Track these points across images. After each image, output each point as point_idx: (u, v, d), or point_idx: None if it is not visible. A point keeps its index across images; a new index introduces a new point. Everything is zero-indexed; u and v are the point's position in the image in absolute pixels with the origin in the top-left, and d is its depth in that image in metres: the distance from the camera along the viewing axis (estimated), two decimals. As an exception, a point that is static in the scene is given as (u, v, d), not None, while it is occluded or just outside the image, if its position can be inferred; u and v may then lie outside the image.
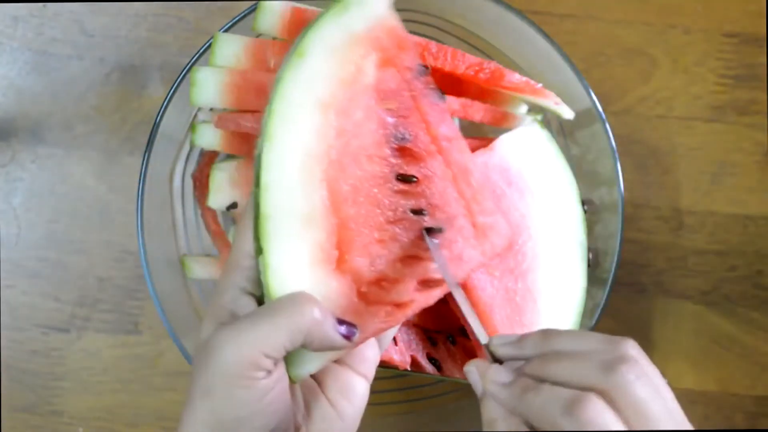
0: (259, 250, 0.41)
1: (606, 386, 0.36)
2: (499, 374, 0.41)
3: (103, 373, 0.65)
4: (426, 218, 0.45)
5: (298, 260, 0.41)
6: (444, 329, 0.57)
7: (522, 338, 0.41)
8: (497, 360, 0.42)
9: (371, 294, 0.43)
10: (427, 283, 0.45)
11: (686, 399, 0.66)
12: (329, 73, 0.43)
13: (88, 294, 0.65)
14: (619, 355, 0.37)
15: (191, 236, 0.60)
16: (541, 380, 0.39)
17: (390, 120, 0.45)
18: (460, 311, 0.44)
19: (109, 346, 0.65)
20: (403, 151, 0.46)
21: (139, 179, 0.56)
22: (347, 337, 0.41)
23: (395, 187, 0.45)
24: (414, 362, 0.54)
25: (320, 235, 0.42)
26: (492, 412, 0.40)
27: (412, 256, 0.45)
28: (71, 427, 0.65)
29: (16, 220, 0.66)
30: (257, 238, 0.41)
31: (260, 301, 0.42)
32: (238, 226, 0.43)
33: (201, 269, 0.59)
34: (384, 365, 0.53)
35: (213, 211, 0.59)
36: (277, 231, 0.41)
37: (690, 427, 0.37)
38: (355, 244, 0.43)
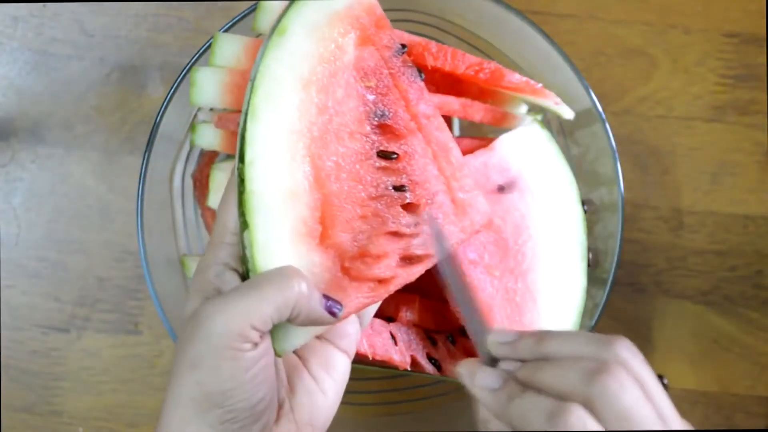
0: (244, 225, 0.41)
1: (589, 396, 0.36)
2: (487, 379, 0.41)
3: (103, 373, 0.65)
4: (407, 194, 0.46)
5: (283, 235, 0.41)
6: (444, 329, 0.57)
7: (518, 339, 0.41)
8: (492, 357, 0.42)
9: (354, 269, 0.43)
10: (409, 259, 0.45)
11: (686, 399, 0.66)
12: (310, 50, 0.43)
13: (88, 294, 0.65)
14: (606, 360, 0.37)
15: (191, 236, 0.60)
16: (529, 386, 0.39)
17: (370, 97, 0.46)
18: (457, 308, 0.44)
19: (108, 346, 0.65)
20: (383, 128, 0.46)
21: (139, 179, 0.56)
22: (332, 313, 0.41)
23: (377, 164, 0.46)
24: (414, 362, 0.54)
25: (304, 211, 0.42)
26: (484, 413, 0.40)
27: (394, 232, 0.45)
28: (71, 427, 0.65)
29: (16, 220, 0.66)
30: (242, 213, 0.41)
31: (243, 277, 0.42)
32: (221, 203, 0.44)
33: (201, 269, 0.58)
34: (384, 365, 0.53)
35: (213, 211, 0.59)
36: (263, 206, 0.41)
37: (687, 427, 0.37)
38: (338, 219, 0.43)
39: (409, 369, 0.53)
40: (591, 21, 0.68)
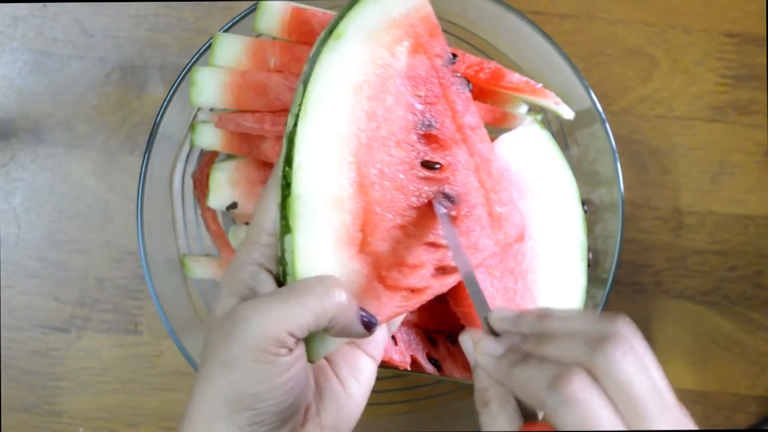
0: (286, 229, 0.41)
1: (591, 363, 0.36)
2: (491, 346, 0.41)
3: (102, 373, 0.65)
4: (449, 205, 0.46)
5: (324, 241, 0.41)
6: (444, 329, 0.57)
7: (520, 315, 0.41)
8: (494, 333, 0.42)
9: (390, 278, 0.43)
10: (443, 270, 0.45)
11: (686, 399, 0.66)
12: (364, 56, 0.43)
13: (88, 294, 0.65)
14: (608, 332, 0.37)
15: (191, 236, 0.60)
16: (532, 356, 0.39)
17: (418, 107, 0.46)
18: (464, 285, 0.44)
19: (108, 346, 0.65)
20: (429, 138, 0.46)
21: (139, 179, 0.56)
22: (368, 327, 0.41)
23: (420, 173, 0.45)
24: (414, 362, 0.54)
25: (347, 218, 0.42)
26: (482, 381, 0.40)
27: (431, 243, 0.45)
28: (71, 427, 0.65)
29: (16, 220, 0.66)
30: (285, 217, 0.41)
31: (277, 278, 0.42)
32: (258, 203, 0.43)
33: (201, 269, 0.59)
34: (384, 365, 0.53)
35: (213, 211, 0.59)
36: (308, 212, 0.41)
37: (679, 408, 0.37)
38: (379, 227, 0.43)
39: (409, 369, 0.54)
40: (591, 21, 0.68)
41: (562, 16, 0.68)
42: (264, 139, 0.53)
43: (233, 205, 0.55)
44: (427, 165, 0.45)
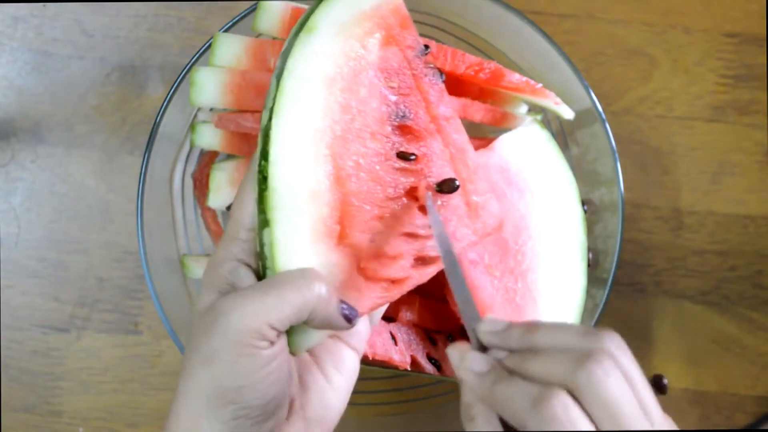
0: (264, 223, 0.41)
1: (575, 383, 0.36)
2: (475, 362, 0.40)
3: (102, 373, 0.65)
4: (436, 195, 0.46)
5: (303, 234, 0.41)
6: (444, 329, 0.57)
7: (508, 328, 0.41)
8: (482, 346, 0.42)
9: (369, 269, 0.43)
10: (422, 260, 0.45)
11: (686, 399, 0.66)
12: (336, 49, 0.43)
13: (88, 294, 0.65)
14: (592, 349, 0.36)
15: (191, 236, 0.60)
16: (516, 374, 0.38)
17: (392, 98, 0.46)
18: (452, 288, 0.44)
19: (108, 346, 0.65)
20: (403, 129, 0.46)
21: (139, 179, 0.56)
22: (348, 319, 0.41)
23: (396, 165, 0.45)
24: (414, 362, 0.54)
25: (324, 210, 0.42)
26: (467, 396, 0.40)
27: (410, 233, 0.45)
28: (71, 427, 0.65)
29: (16, 220, 0.66)
30: (263, 211, 0.41)
31: (258, 273, 0.42)
32: (236, 199, 0.43)
33: (201, 269, 0.58)
34: (384, 365, 0.53)
35: (213, 211, 0.59)
36: (285, 205, 0.41)
37: (670, 424, 0.37)
38: (357, 219, 0.43)
39: (409, 369, 0.53)
40: (591, 21, 0.68)
41: (562, 16, 0.68)
42: (264, 139, 0.53)
43: (233, 205, 0.55)
44: (403, 156, 0.46)
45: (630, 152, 0.67)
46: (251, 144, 0.54)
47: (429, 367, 0.55)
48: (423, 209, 0.46)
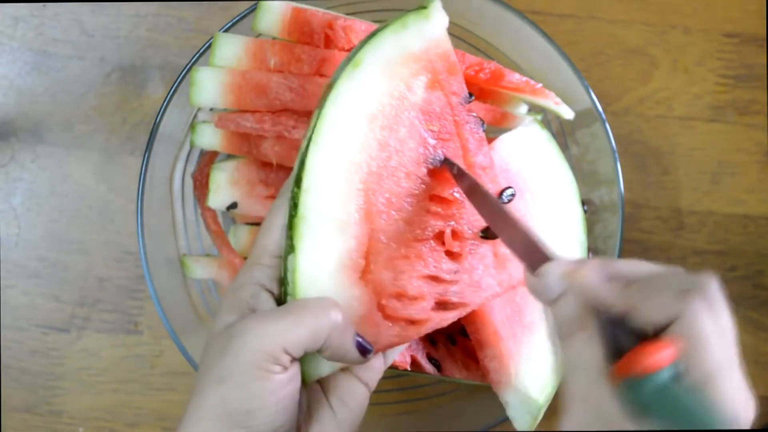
0: (290, 249, 0.41)
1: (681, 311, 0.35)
2: (594, 271, 0.38)
3: (102, 373, 0.65)
4: (453, 242, 0.46)
5: (327, 264, 0.42)
6: (444, 329, 0.57)
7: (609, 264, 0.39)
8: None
9: (389, 308, 0.44)
10: (444, 305, 0.46)
11: (686, 399, 0.66)
12: (380, 87, 0.44)
13: (88, 294, 0.65)
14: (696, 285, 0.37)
15: (191, 236, 0.60)
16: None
17: (431, 141, 0.46)
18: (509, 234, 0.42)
19: (108, 346, 0.65)
20: (439, 173, 0.46)
21: (139, 179, 0.56)
22: (363, 352, 0.42)
23: (428, 207, 0.46)
24: (414, 362, 0.54)
25: (351, 243, 0.42)
26: (568, 310, 0.38)
27: (434, 276, 0.45)
28: (71, 427, 0.65)
29: (16, 220, 0.66)
30: (290, 237, 0.41)
31: (279, 299, 0.42)
32: (264, 224, 0.44)
33: (201, 269, 0.59)
34: (384, 365, 0.53)
35: (213, 211, 0.59)
36: (312, 233, 0.41)
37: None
38: (382, 256, 0.44)
39: (409, 369, 0.53)
40: (591, 21, 0.68)
41: (562, 16, 0.68)
42: (264, 139, 0.53)
43: (233, 205, 0.55)
44: (436, 200, 0.46)
45: (630, 152, 0.67)
46: (251, 144, 0.54)
47: (429, 367, 0.55)
48: (450, 254, 0.46)
